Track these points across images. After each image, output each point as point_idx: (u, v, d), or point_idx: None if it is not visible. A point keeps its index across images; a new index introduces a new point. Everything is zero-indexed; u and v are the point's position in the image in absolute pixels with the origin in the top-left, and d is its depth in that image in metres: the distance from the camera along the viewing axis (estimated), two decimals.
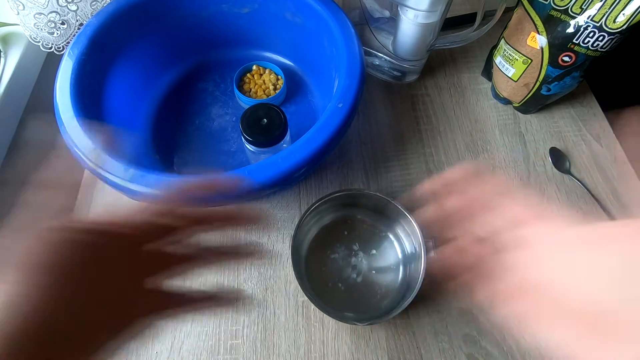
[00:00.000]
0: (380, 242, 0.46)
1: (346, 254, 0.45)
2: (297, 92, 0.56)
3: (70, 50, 0.43)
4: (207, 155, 0.51)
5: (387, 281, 0.44)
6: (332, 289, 0.43)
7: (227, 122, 0.54)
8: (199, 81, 0.57)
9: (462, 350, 0.41)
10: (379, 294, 0.44)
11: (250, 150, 0.43)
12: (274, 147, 0.42)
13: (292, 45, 0.56)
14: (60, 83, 0.41)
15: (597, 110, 0.56)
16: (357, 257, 0.45)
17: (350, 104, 0.40)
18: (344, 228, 0.47)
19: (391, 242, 0.46)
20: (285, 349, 0.41)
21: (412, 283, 0.40)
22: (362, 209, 0.47)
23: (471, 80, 0.59)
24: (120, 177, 0.35)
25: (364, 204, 0.46)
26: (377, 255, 0.46)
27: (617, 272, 0.21)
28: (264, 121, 0.41)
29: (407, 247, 0.45)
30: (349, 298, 0.43)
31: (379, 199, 0.44)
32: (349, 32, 0.45)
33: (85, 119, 0.39)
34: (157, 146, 0.51)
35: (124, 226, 0.22)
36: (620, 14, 0.40)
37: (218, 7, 0.52)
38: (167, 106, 0.54)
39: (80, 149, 0.37)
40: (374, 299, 0.43)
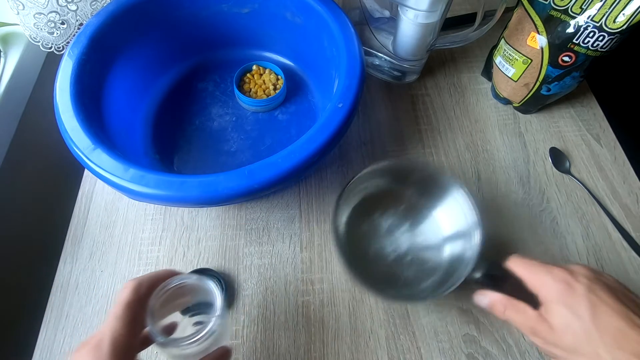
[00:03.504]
0: (425, 217, 0.45)
1: (389, 228, 0.44)
2: (297, 92, 0.56)
3: (70, 50, 0.42)
4: (207, 155, 0.51)
5: (431, 258, 0.43)
6: (372, 262, 0.42)
7: (227, 122, 0.54)
8: (199, 81, 0.57)
9: (462, 350, 0.41)
10: (422, 271, 0.42)
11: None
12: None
13: (292, 45, 0.56)
14: (60, 83, 0.41)
15: (597, 110, 0.57)
16: (400, 232, 0.44)
17: (350, 104, 0.40)
18: (388, 201, 0.45)
19: (435, 219, 0.45)
20: (285, 349, 0.41)
21: (460, 262, 0.39)
22: (410, 182, 0.45)
23: (471, 80, 0.59)
24: (120, 177, 0.35)
25: (412, 176, 0.44)
26: (421, 231, 0.44)
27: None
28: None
29: (455, 225, 0.43)
30: (389, 274, 0.42)
31: (431, 171, 0.43)
32: (349, 32, 0.45)
33: (85, 119, 0.39)
34: (157, 146, 0.51)
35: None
36: (620, 14, 0.40)
37: (218, 7, 0.52)
38: (167, 106, 0.54)
39: (80, 149, 0.37)
40: (417, 276, 0.42)
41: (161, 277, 0.30)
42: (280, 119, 0.54)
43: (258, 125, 0.54)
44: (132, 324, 0.26)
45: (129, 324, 0.26)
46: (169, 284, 0.30)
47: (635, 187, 0.50)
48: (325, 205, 0.49)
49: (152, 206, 0.49)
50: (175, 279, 0.30)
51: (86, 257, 0.46)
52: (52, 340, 0.42)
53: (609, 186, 0.50)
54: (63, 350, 0.41)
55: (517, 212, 0.49)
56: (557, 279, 0.30)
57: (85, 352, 0.25)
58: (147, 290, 0.28)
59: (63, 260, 0.46)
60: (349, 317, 0.43)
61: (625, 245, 0.46)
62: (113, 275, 0.45)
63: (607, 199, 0.49)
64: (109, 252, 0.46)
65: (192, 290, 0.32)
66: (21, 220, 0.50)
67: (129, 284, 0.28)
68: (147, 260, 0.46)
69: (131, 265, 0.46)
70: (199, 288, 0.31)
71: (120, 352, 0.25)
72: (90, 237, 0.47)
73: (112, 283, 0.45)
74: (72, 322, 0.43)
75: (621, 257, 0.46)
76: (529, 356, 0.41)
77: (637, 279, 0.45)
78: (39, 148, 0.54)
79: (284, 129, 0.53)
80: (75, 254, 0.46)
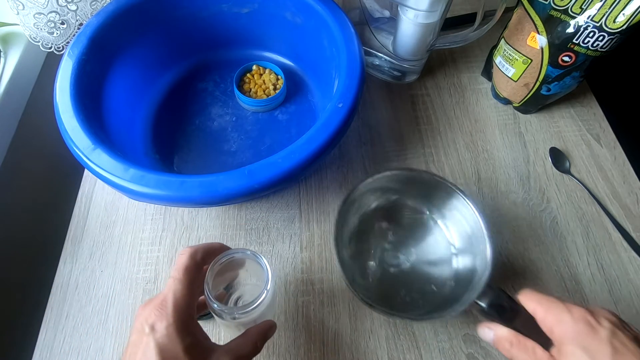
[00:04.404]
0: (429, 231, 0.44)
1: (391, 244, 0.43)
2: (297, 92, 0.56)
3: (70, 50, 0.43)
4: (207, 155, 0.51)
5: (438, 273, 0.42)
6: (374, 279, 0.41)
7: (227, 122, 0.54)
8: (199, 81, 0.57)
9: (462, 350, 0.41)
10: (431, 286, 0.41)
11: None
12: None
13: (292, 45, 0.56)
14: (60, 83, 0.41)
15: (597, 110, 0.57)
16: (403, 247, 0.43)
17: (350, 104, 0.40)
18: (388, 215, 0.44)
19: (440, 230, 0.43)
20: (285, 348, 0.41)
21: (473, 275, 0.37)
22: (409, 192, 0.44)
23: (471, 80, 0.59)
24: (120, 177, 0.35)
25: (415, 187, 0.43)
26: (425, 246, 0.43)
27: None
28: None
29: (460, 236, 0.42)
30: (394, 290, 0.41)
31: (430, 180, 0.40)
32: (349, 32, 0.45)
33: (85, 119, 0.39)
34: (157, 146, 0.51)
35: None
36: (620, 14, 0.40)
37: (218, 7, 0.52)
38: (167, 106, 0.54)
39: (80, 149, 0.37)
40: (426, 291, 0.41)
41: (215, 248, 0.32)
42: (280, 119, 0.54)
43: (258, 125, 0.54)
44: (191, 286, 0.29)
45: (189, 286, 0.28)
46: (224, 256, 0.32)
47: (635, 187, 0.50)
48: (325, 205, 0.49)
49: (152, 206, 0.49)
50: (230, 252, 0.32)
51: (86, 257, 0.46)
52: (52, 340, 0.42)
53: (609, 186, 0.50)
54: (63, 350, 0.41)
55: (517, 212, 0.49)
56: (577, 318, 0.27)
57: (150, 309, 0.27)
58: (202, 258, 0.31)
59: (63, 260, 0.46)
60: (349, 317, 0.43)
61: (625, 245, 0.46)
62: (113, 275, 0.45)
63: (607, 199, 0.49)
64: (109, 252, 0.46)
65: (242, 264, 0.34)
66: (21, 220, 0.50)
67: (186, 251, 0.30)
68: (147, 260, 0.46)
69: (131, 265, 0.46)
70: (250, 262, 0.33)
71: (182, 311, 0.27)
72: (90, 237, 0.47)
73: (112, 283, 0.45)
74: (72, 322, 0.43)
75: (621, 257, 0.46)
76: None
77: (637, 279, 0.45)
78: (39, 148, 0.54)
79: (284, 129, 0.53)
80: (75, 254, 0.46)
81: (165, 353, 0.26)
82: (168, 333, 0.26)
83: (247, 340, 0.31)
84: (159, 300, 0.27)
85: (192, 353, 0.26)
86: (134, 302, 0.44)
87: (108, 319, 0.43)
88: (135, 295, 0.44)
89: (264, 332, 0.32)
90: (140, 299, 0.44)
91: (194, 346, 0.27)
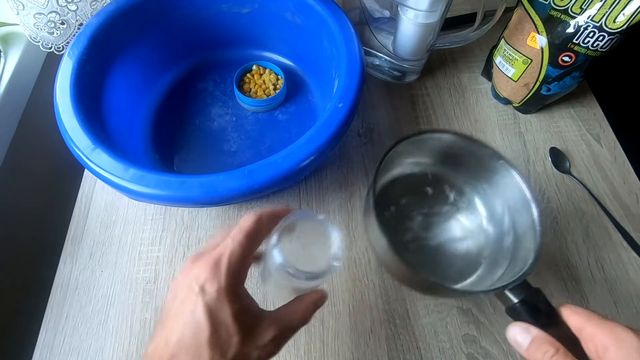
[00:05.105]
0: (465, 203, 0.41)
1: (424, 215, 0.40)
2: (297, 92, 0.56)
3: (70, 50, 0.43)
4: (207, 155, 0.51)
5: (471, 248, 0.39)
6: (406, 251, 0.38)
7: (227, 122, 0.54)
8: (199, 81, 0.57)
9: (462, 350, 0.41)
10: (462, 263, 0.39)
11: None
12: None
13: (292, 45, 0.56)
14: (60, 83, 0.41)
15: (597, 110, 0.57)
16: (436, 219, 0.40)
17: (350, 104, 0.40)
18: (424, 183, 0.41)
19: (475, 204, 0.41)
20: (286, 349, 0.41)
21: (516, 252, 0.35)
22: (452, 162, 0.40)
23: (471, 80, 0.59)
24: (120, 177, 0.36)
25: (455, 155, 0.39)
26: (462, 218, 0.40)
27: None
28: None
29: (500, 211, 0.39)
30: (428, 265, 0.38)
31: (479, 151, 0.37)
32: (349, 32, 0.45)
33: (85, 119, 0.39)
34: (157, 146, 0.51)
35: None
36: (620, 14, 0.40)
37: (218, 7, 0.52)
38: (167, 106, 0.54)
39: (80, 149, 0.37)
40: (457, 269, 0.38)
41: (280, 213, 0.30)
42: (280, 119, 0.54)
43: (258, 125, 0.54)
44: (248, 251, 0.28)
45: (246, 251, 0.27)
46: (293, 219, 0.30)
47: (635, 187, 0.50)
48: (325, 205, 0.49)
49: (152, 206, 0.49)
50: (298, 215, 0.30)
51: (86, 257, 0.46)
52: (52, 340, 0.42)
53: (609, 186, 0.50)
54: (63, 350, 0.41)
55: None
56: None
57: (203, 265, 0.26)
58: (267, 225, 0.29)
59: (63, 260, 0.46)
60: (349, 317, 0.43)
61: (625, 245, 0.46)
62: (113, 275, 0.45)
63: (607, 199, 0.49)
64: (109, 252, 0.46)
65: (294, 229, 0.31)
66: (21, 220, 0.50)
67: (252, 216, 0.29)
68: (147, 260, 0.46)
69: (131, 265, 0.46)
70: (303, 227, 0.31)
71: (235, 275, 0.26)
72: (90, 237, 0.47)
73: (112, 283, 0.45)
74: (72, 322, 0.43)
75: (621, 257, 0.46)
76: None
77: (637, 279, 0.45)
78: (39, 148, 0.54)
79: (284, 129, 0.53)
80: (75, 254, 0.46)
81: (214, 316, 0.25)
82: (219, 296, 0.25)
83: (297, 309, 0.29)
84: (212, 260, 0.26)
85: (240, 319, 0.25)
86: (134, 302, 0.44)
87: (108, 319, 0.43)
88: (135, 295, 0.44)
89: (314, 302, 0.30)
90: (140, 299, 0.44)
91: (243, 312, 0.26)
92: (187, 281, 0.26)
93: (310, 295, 0.30)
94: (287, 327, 0.28)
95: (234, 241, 0.27)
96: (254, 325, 0.26)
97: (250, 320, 0.26)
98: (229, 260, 0.26)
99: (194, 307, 0.25)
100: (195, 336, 0.24)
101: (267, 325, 0.27)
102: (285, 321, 0.28)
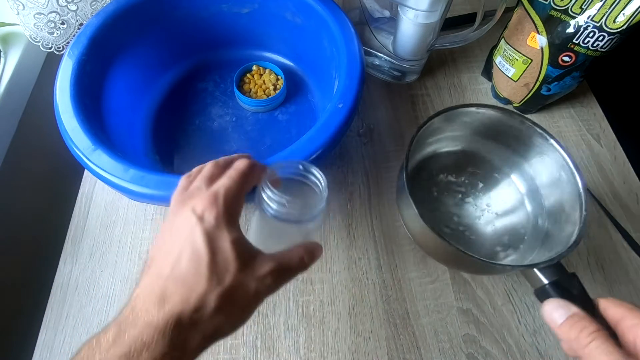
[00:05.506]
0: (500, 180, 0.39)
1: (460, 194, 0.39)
2: (297, 92, 0.56)
3: (70, 50, 0.42)
4: (207, 155, 0.50)
5: (505, 228, 0.38)
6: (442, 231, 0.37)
7: (227, 122, 0.54)
8: (199, 81, 0.57)
9: (462, 350, 0.41)
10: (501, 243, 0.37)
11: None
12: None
13: (292, 45, 0.56)
14: (60, 83, 0.41)
15: (597, 110, 0.57)
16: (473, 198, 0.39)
17: (350, 104, 0.40)
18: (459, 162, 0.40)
19: (512, 181, 0.39)
20: (285, 349, 0.41)
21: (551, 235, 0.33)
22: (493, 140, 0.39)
23: (471, 80, 0.59)
24: (120, 177, 0.35)
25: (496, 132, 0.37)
26: (497, 197, 0.39)
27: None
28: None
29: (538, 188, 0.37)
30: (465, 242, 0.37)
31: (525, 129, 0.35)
32: (349, 32, 0.45)
33: (85, 119, 0.39)
34: (157, 146, 0.51)
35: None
36: (620, 14, 0.40)
37: (218, 7, 0.52)
38: (167, 106, 0.54)
39: (81, 149, 0.37)
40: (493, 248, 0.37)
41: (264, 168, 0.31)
42: (281, 119, 0.54)
43: (258, 125, 0.53)
44: (242, 190, 0.28)
45: (241, 188, 0.28)
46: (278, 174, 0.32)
47: (635, 187, 0.50)
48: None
49: (152, 206, 0.49)
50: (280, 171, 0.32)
51: (86, 257, 0.46)
52: (52, 340, 0.42)
53: (609, 186, 0.50)
54: (63, 350, 0.41)
55: None
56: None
57: (200, 198, 0.26)
58: (258, 172, 0.30)
59: (63, 260, 0.46)
60: (349, 317, 0.43)
61: (625, 245, 0.46)
62: (113, 275, 0.45)
63: (607, 199, 0.49)
64: (109, 252, 0.46)
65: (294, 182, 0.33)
66: (21, 220, 0.50)
67: (246, 160, 0.30)
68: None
69: (131, 265, 0.46)
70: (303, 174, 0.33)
71: (232, 207, 0.27)
72: (90, 237, 0.47)
73: (112, 283, 0.45)
74: (72, 322, 0.43)
75: (621, 257, 0.46)
76: (529, 356, 0.41)
77: (637, 279, 0.45)
78: (39, 148, 0.53)
79: (284, 129, 0.53)
80: (75, 254, 0.46)
81: (213, 242, 0.25)
82: (217, 224, 0.25)
83: (293, 252, 0.29)
84: (210, 193, 0.27)
85: (239, 248, 0.25)
86: None
87: (108, 319, 0.42)
88: None
89: (311, 249, 0.30)
90: None
91: (241, 241, 0.26)
92: (186, 211, 0.26)
93: (306, 243, 0.30)
94: (284, 264, 0.27)
95: (230, 179, 0.28)
96: (251, 256, 0.26)
97: (247, 251, 0.26)
98: (226, 193, 0.27)
99: (191, 235, 0.25)
100: (193, 263, 0.24)
101: (264, 259, 0.27)
102: (282, 259, 0.27)
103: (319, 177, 0.32)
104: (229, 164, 0.30)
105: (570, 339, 0.24)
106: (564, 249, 0.30)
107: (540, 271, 0.28)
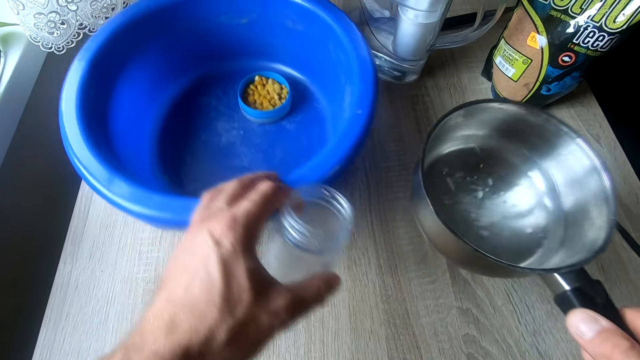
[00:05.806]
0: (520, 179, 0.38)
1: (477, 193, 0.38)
2: (302, 101, 0.55)
3: (70, 76, 0.40)
4: (217, 172, 0.49)
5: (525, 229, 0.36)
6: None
7: (234, 136, 0.52)
8: (202, 95, 0.55)
9: (462, 350, 0.41)
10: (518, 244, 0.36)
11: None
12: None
13: (294, 53, 0.54)
14: (66, 107, 0.38)
15: (597, 110, 0.57)
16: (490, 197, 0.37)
17: (368, 109, 0.39)
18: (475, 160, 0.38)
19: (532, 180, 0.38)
20: (285, 349, 0.41)
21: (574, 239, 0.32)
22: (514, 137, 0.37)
23: (471, 80, 0.59)
24: (145, 206, 0.33)
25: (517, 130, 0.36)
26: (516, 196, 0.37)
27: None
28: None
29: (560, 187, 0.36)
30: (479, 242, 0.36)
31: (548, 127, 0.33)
32: (355, 36, 0.44)
33: (97, 149, 0.37)
34: (165, 167, 0.49)
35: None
36: (620, 14, 0.40)
37: (217, 19, 0.50)
38: (171, 124, 0.52)
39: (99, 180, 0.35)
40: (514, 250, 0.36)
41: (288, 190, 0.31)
42: (289, 128, 0.53)
43: (267, 137, 0.52)
44: (264, 213, 0.27)
45: (262, 212, 0.27)
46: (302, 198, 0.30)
47: (635, 187, 0.50)
48: None
49: None
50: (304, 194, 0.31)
51: (86, 257, 0.46)
52: (52, 340, 0.42)
53: None
54: (63, 350, 0.41)
55: None
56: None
57: (218, 221, 0.26)
58: (281, 195, 0.29)
59: (63, 260, 0.46)
60: (349, 317, 0.43)
61: (625, 245, 0.46)
62: (113, 275, 0.45)
63: None
64: (109, 252, 0.46)
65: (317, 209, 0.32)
66: (21, 220, 0.50)
67: (269, 183, 0.29)
68: (147, 260, 0.46)
69: (131, 265, 0.46)
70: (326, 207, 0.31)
71: (251, 233, 0.26)
72: (90, 237, 0.47)
73: (112, 283, 0.45)
74: (72, 322, 0.43)
75: (621, 257, 0.46)
76: (529, 356, 0.41)
77: (637, 279, 0.45)
78: (39, 148, 0.54)
79: (294, 139, 0.52)
80: (75, 254, 0.46)
81: (227, 269, 0.24)
82: (234, 250, 0.24)
83: (310, 284, 0.27)
84: (229, 216, 0.26)
85: (254, 277, 0.24)
86: (134, 302, 0.44)
87: (108, 319, 0.43)
88: (135, 295, 0.44)
89: (327, 280, 0.28)
90: (140, 299, 0.44)
91: (257, 271, 0.25)
92: (202, 234, 0.25)
93: (324, 274, 0.29)
94: (300, 298, 0.26)
95: (251, 201, 0.27)
96: (266, 287, 0.25)
97: (263, 281, 0.25)
98: (246, 217, 0.26)
99: (206, 260, 0.24)
100: (205, 290, 0.23)
101: (279, 290, 0.25)
102: (298, 292, 0.26)
103: (344, 205, 0.30)
104: (253, 182, 0.30)
105: (601, 355, 0.22)
106: (588, 253, 0.28)
107: (561, 276, 0.27)
